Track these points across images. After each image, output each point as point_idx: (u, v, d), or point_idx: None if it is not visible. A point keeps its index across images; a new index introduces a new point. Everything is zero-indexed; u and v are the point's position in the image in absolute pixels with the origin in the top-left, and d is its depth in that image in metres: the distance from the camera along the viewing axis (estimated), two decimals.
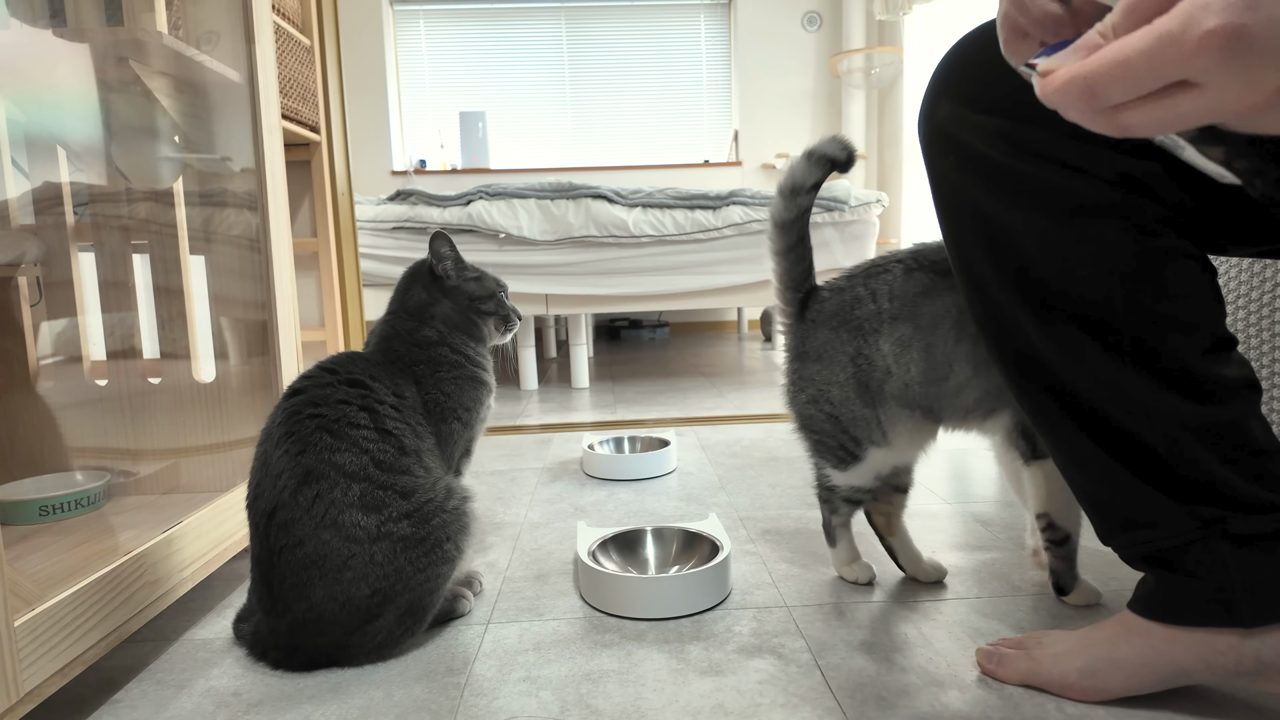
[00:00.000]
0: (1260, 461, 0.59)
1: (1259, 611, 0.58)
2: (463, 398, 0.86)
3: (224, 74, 0.97)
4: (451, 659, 0.76)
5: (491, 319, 0.92)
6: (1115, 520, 0.64)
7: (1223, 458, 0.58)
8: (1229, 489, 0.58)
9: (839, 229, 2.39)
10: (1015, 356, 0.66)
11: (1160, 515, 0.60)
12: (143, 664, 0.78)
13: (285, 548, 0.71)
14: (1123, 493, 0.62)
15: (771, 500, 1.23)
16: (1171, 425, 0.59)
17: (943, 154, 0.66)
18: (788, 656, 0.74)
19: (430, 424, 0.84)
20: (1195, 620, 0.60)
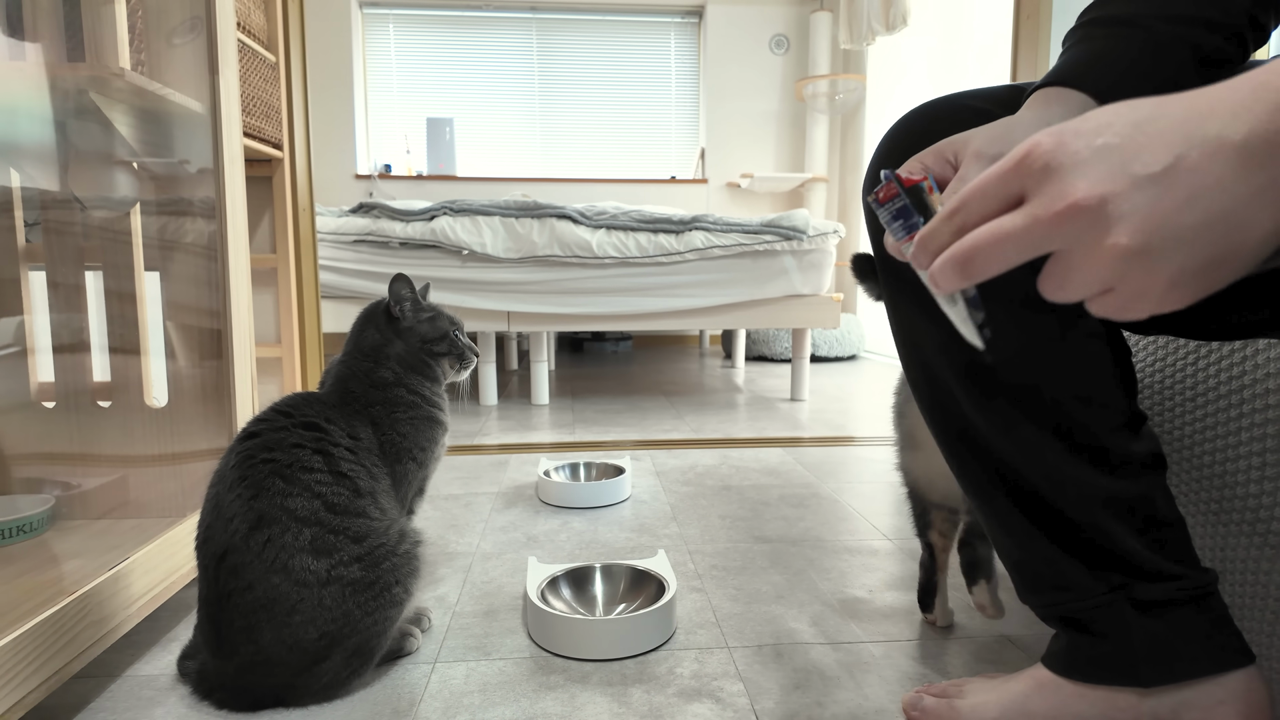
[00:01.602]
0: (1163, 532, 0.63)
1: (1156, 672, 0.62)
2: (418, 438, 0.88)
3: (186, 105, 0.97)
4: (397, 700, 0.77)
5: (445, 359, 0.94)
6: (1032, 581, 0.68)
7: (1130, 528, 0.63)
8: (1134, 557, 0.63)
9: (797, 257, 2.45)
10: (947, 421, 0.70)
11: (1072, 579, 0.65)
12: (84, 702, 0.77)
13: (235, 591, 0.72)
14: (1040, 556, 0.66)
15: (721, 533, 1.26)
16: (1085, 496, 0.63)
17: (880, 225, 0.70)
18: (725, 700, 0.77)
19: (386, 465, 0.85)
20: (1100, 678, 0.64)
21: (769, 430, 2.11)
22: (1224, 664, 0.61)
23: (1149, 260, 0.32)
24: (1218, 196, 0.32)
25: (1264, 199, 0.31)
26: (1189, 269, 0.32)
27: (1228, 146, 0.32)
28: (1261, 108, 0.32)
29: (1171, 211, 0.32)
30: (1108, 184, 0.33)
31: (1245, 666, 0.62)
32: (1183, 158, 0.32)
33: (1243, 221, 0.32)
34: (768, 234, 2.42)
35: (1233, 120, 0.32)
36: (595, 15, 4.29)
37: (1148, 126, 0.34)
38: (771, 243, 2.41)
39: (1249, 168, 0.31)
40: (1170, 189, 0.32)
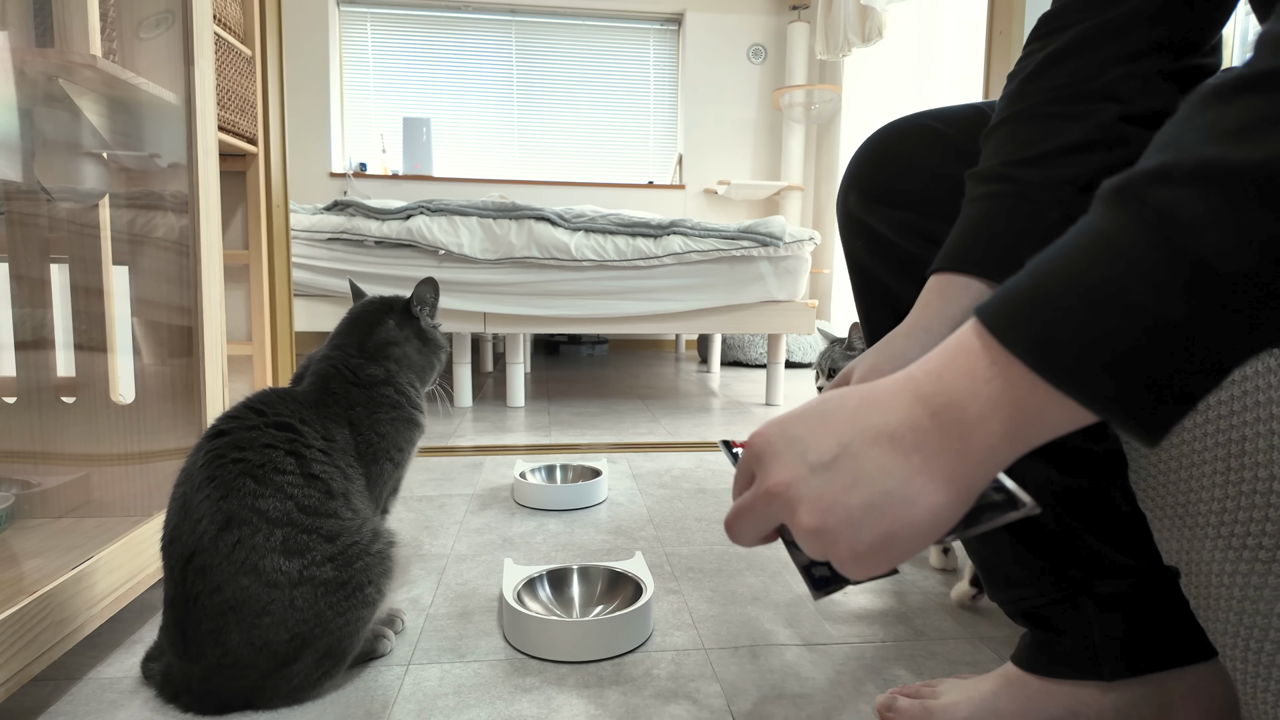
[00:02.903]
0: (1123, 528, 0.65)
1: (1117, 667, 0.63)
2: (397, 439, 0.87)
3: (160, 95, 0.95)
4: (370, 702, 0.76)
5: (438, 369, 0.96)
6: (998, 579, 0.70)
7: (1089, 524, 0.64)
8: (1093, 553, 0.64)
9: (773, 263, 2.47)
10: None
11: (1034, 576, 0.66)
12: (43, 706, 0.75)
13: (202, 593, 0.70)
14: (1004, 553, 0.68)
15: (697, 536, 1.27)
16: (1044, 493, 0.64)
17: (855, 236, 0.71)
18: (701, 702, 0.77)
19: (361, 465, 0.84)
20: (1063, 673, 0.66)
21: (745, 434, 2.12)
22: (1184, 658, 0.63)
23: (826, 536, 0.37)
24: (879, 478, 0.36)
25: (924, 478, 0.36)
26: (864, 542, 0.37)
27: (883, 435, 0.37)
28: (906, 399, 0.37)
29: (839, 494, 0.37)
30: (790, 471, 0.39)
31: (1206, 661, 0.63)
32: (847, 446, 0.37)
33: (907, 498, 0.36)
34: (745, 240, 2.43)
35: (886, 411, 0.37)
36: (575, 20, 4.29)
37: (826, 418, 0.39)
38: (748, 249, 2.42)
39: (901, 451, 0.36)
40: (837, 475, 0.37)
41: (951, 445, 0.35)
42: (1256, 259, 0.28)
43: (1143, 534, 0.66)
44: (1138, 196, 0.31)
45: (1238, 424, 0.78)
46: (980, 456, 0.35)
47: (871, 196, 0.70)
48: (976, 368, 0.35)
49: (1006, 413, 0.34)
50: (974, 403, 0.35)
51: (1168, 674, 0.63)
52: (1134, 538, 0.65)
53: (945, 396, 0.36)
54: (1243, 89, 0.30)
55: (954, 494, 0.36)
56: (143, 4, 0.98)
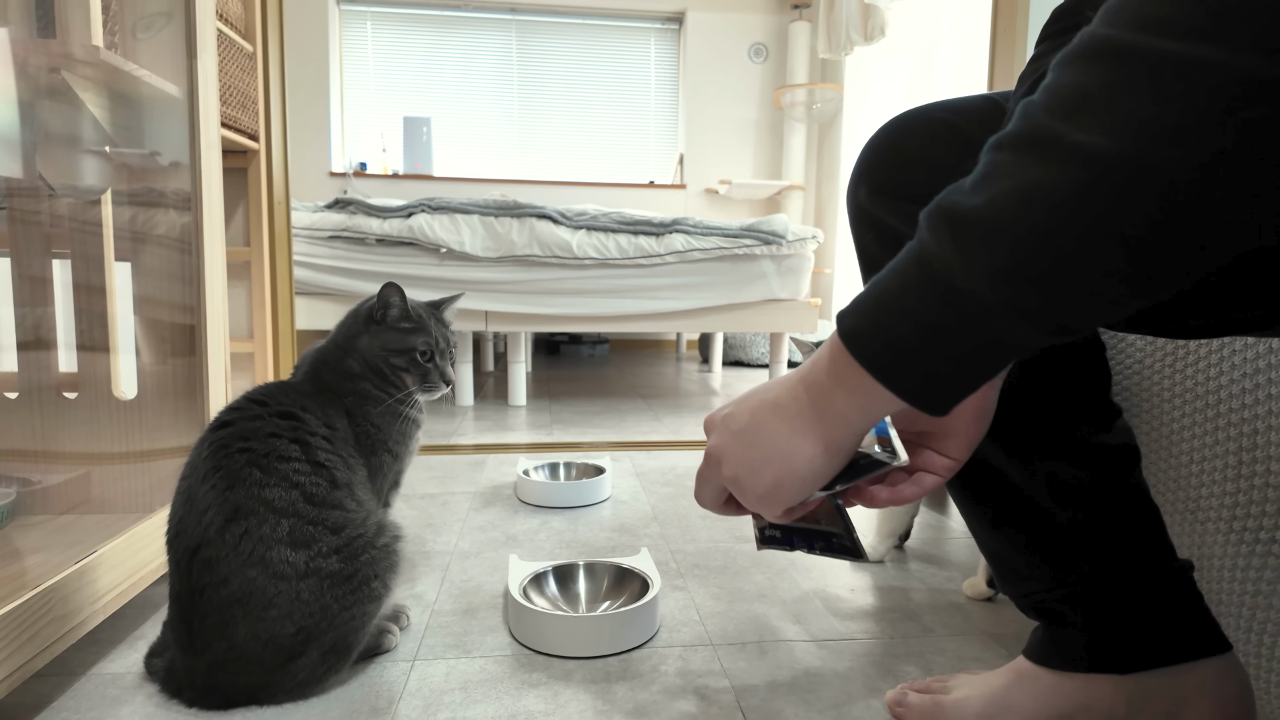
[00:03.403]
0: (1136, 522, 0.64)
1: (1129, 659, 0.63)
2: (392, 430, 0.86)
3: (163, 88, 0.95)
4: (375, 698, 0.75)
5: (404, 374, 0.88)
6: (1009, 572, 0.69)
7: (1101, 517, 0.64)
8: (1107, 547, 0.63)
9: (776, 262, 2.46)
10: None
11: (1045, 570, 0.65)
12: (45, 701, 0.74)
13: (209, 586, 0.70)
14: (1014, 548, 0.67)
15: (702, 533, 1.26)
16: (1055, 487, 0.64)
17: (866, 229, 0.71)
18: (710, 698, 0.76)
19: (361, 455, 0.83)
20: (1076, 667, 0.65)
21: None
22: (1199, 651, 0.62)
23: (738, 483, 0.50)
24: (771, 439, 0.48)
25: (800, 438, 0.47)
26: (762, 485, 0.49)
27: (777, 406, 0.48)
28: (794, 379, 0.48)
29: (746, 451, 0.49)
30: (719, 438, 0.52)
31: (1221, 654, 0.63)
32: (754, 416, 0.49)
33: (789, 453, 0.47)
34: (747, 238, 2.42)
35: (780, 389, 0.49)
36: (575, 19, 4.29)
37: (748, 398, 0.51)
38: (751, 247, 2.42)
39: (786, 418, 0.48)
40: (746, 437, 0.49)
41: (817, 412, 0.46)
42: (977, 281, 0.37)
43: (1157, 529, 0.65)
44: (920, 226, 0.41)
45: (1249, 417, 0.77)
46: (836, 420, 0.46)
47: (882, 190, 0.69)
48: (834, 354, 0.45)
49: (848, 386, 0.44)
50: (828, 379, 0.45)
51: (1182, 667, 0.62)
52: (1147, 531, 0.64)
53: (814, 376, 0.47)
54: (990, 147, 0.39)
55: (822, 448, 0.47)
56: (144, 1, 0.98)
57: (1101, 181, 0.35)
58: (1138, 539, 0.64)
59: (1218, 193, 0.33)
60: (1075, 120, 0.36)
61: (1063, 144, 0.36)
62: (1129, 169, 0.34)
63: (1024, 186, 0.37)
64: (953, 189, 0.40)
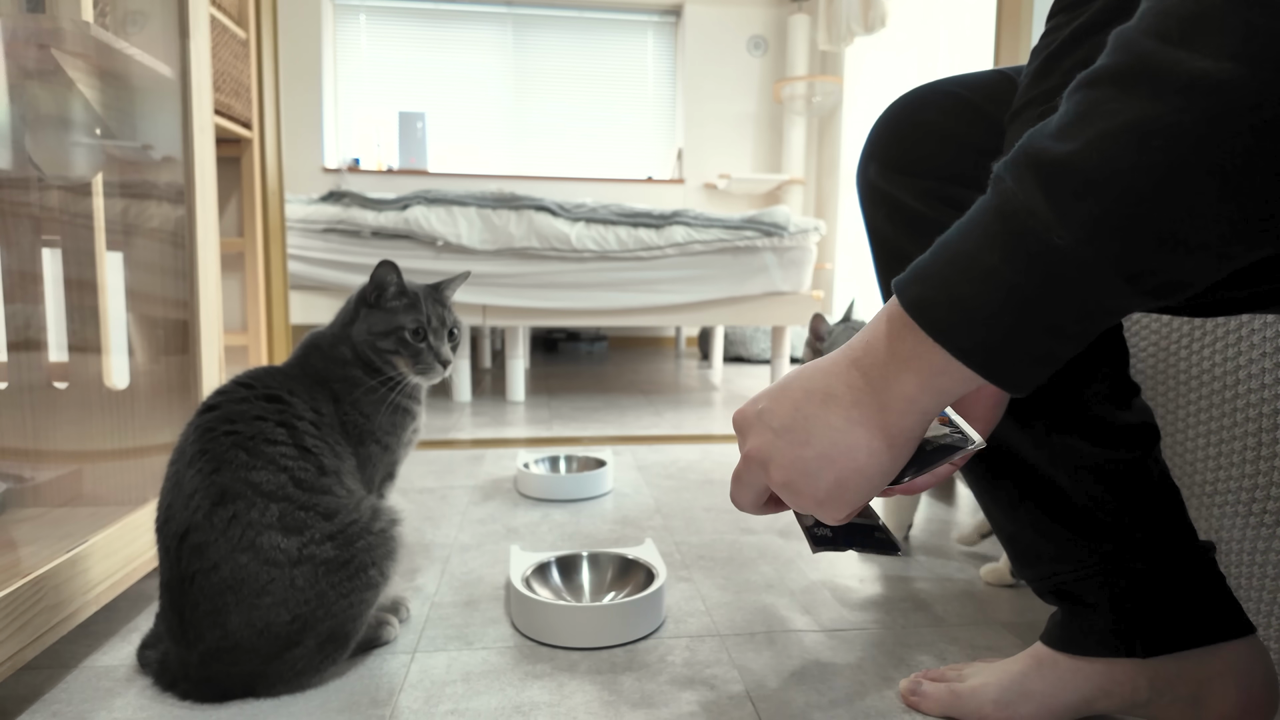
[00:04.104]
0: (1157, 502, 0.63)
1: (1151, 643, 0.61)
2: (381, 420, 0.83)
3: (155, 68, 0.92)
4: (375, 689, 0.73)
5: (394, 357, 0.83)
6: (1026, 555, 0.67)
7: (1122, 498, 0.62)
8: (1127, 527, 0.62)
9: (778, 254, 2.44)
10: None
11: (1064, 551, 0.64)
12: (37, 694, 0.72)
13: (199, 572, 0.68)
14: (1032, 529, 0.65)
15: (706, 525, 1.24)
16: (1075, 466, 0.62)
17: (876, 207, 0.69)
18: (719, 688, 0.74)
19: (349, 444, 0.80)
20: (1096, 651, 0.63)
21: None
22: (1221, 634, 0.61)
23: (793, 488, 0.44)
24: (826, 434, 0.43)
25: (861, 429, 0.42)
26: (823, 489, 0.43)
27: (829, 397, 0.43)
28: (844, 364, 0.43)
29: (798, 450, 0.44)
30: (759, 438, 0.46)
31: (1245, 637, 0.61)
32: (801, 410, 0.44)
33: (850, 448, 0.42)
34: (749, 230, 2.41)
35: (829, 377, 0.44)
36: (572, 12, 4.26)
37: (786, 389, 0.46)
38: (752, 239, 2.40)
39: (841, 408, 0.43)
40: (795, 435, 0.44)
41: (878, 399, 0.42)
42: (1076, 235, 0.33)
43: (1177, 509, 0.63)
44: (999, 178, 0.37)
45: (1269, 397, 0.76)
46: (901, 406, 0.41)
47: (893, 167, 0.67)
48: (893, 329, 0.41)
49: (915, 366, 0.40)
50: (891, 360, 0.41)
51: (1204, 650, 0.61)
52: (1168, 511, 0.63)
53: (871, 357, 0.42)
54: (1082, 84, 0.35)
55: (887, 440, 0.42)
56: None
57: (1230, 113, 0.30)
58: (1158, 520, 0.62)
59: None
60: (1194, 43, 0.31)
61: (1179, 72, 0.31)
62: (1262, 97, 0.30)
63: (1133, 125, 0.32)
64: (1035, 133, 0.36)
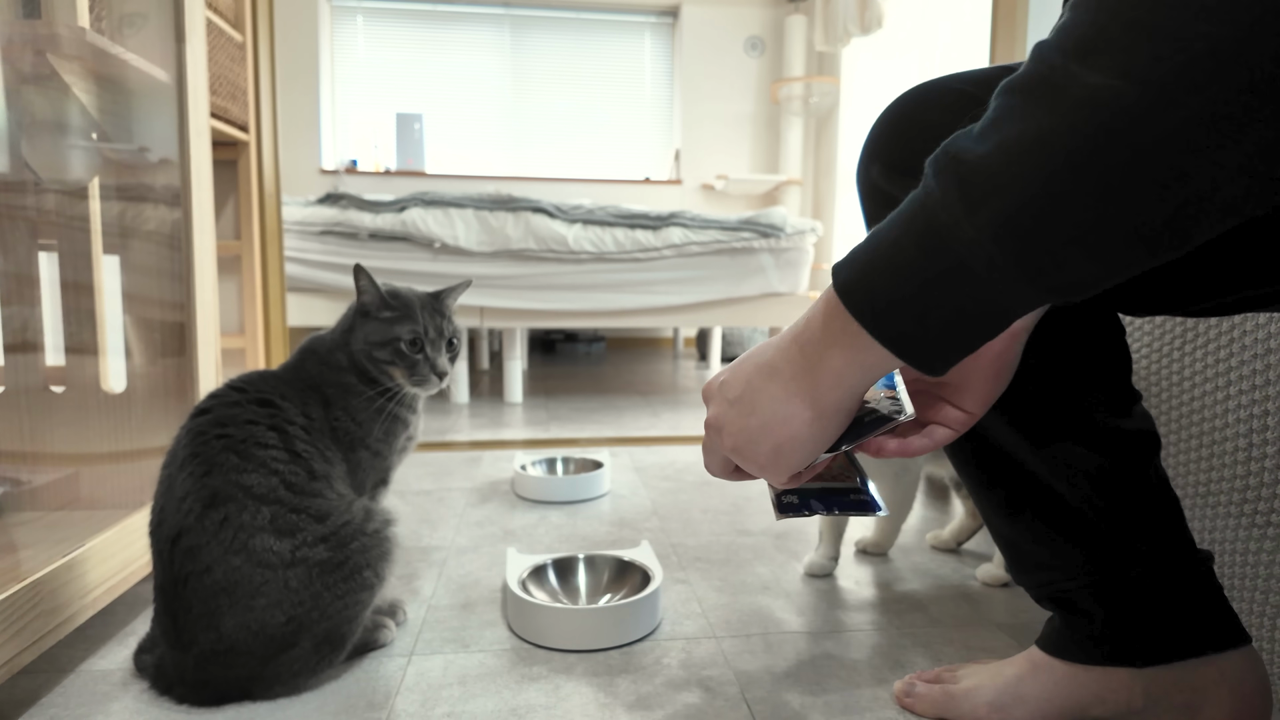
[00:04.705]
0: (1156, 511, 0.62)
1: (1148, 652, 0.61)
2: (373, 427, 0.82)
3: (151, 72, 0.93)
4: (372, 692, 0.74)
5: (390, 367, 0.82)
6: (1024, 561, 0.67)
7: (1120, 505, 0.62)
8: (1126, 536, 0.62)
9: (775, 255, 2.45)
10: None
11: (1062, 559, 0.64)
12: (34, 698, 0.72)
13: (191, 575, 0.68)
14: (1030, 536, 0.65)
15: (703, 527, 1.24)
16: (1075, 473, 0.62)
17: (880, 208, 0.68)
18: (715, 690, 0.75)
19: (339, 450, 0.80)
20: (1092, 659, 0.63)
21: None
22: (1218, 644, 0.61)
23: (740, 453, 0.48)
24: (767, 404, 0.46)
25: (796, 400, 0.45)
26: (763, 453, 0.47)
27: (772, 370, 0.46)
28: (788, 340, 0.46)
29: (744, 419, 0.47)
30: (716, 407, 0.50)
31: (1240, 647, 0.61)
32: (749, 383, 0.47)
33: (786, 417, 0.45)
34: (746, 231, 2.41)
35: (775, 351, 0.47)
36: (569, 13, 4.26)
37: (743, 363, 0.49)
38: (749, 240, 2.40)
39: (780, 381, 0.46)
40: (743, 405, 0.47)
41: (812, 373, 0.44)
42: (982, 234, 0.35)
43: (1177, 518, 0.63)
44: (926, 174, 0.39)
45: (1259, 399, 0.76)
46: (830, 380, 0.44)
47: (896, 168, 0.65)
48: (828, 310, 0.43)
49: (843, 344, 0.42)
50: (824, 338, 0.43)
51: (1200, 660, 0.61)
52: (1167, 520, 0.62)
53: (808, 334, 0.44)
54: (1002, 91, 0.37)
55: (817, 411, 0.45)
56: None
57: (1117, 126, 0.32)
58: (1157, 528, 0.62)
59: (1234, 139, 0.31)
60: (1090, 60, 0.33)
61: (1075, 86, 0.33)
62: (1149, 112, 0.32)
63: (1034, 133, 0.34)
64: (961, 134, 0.38)
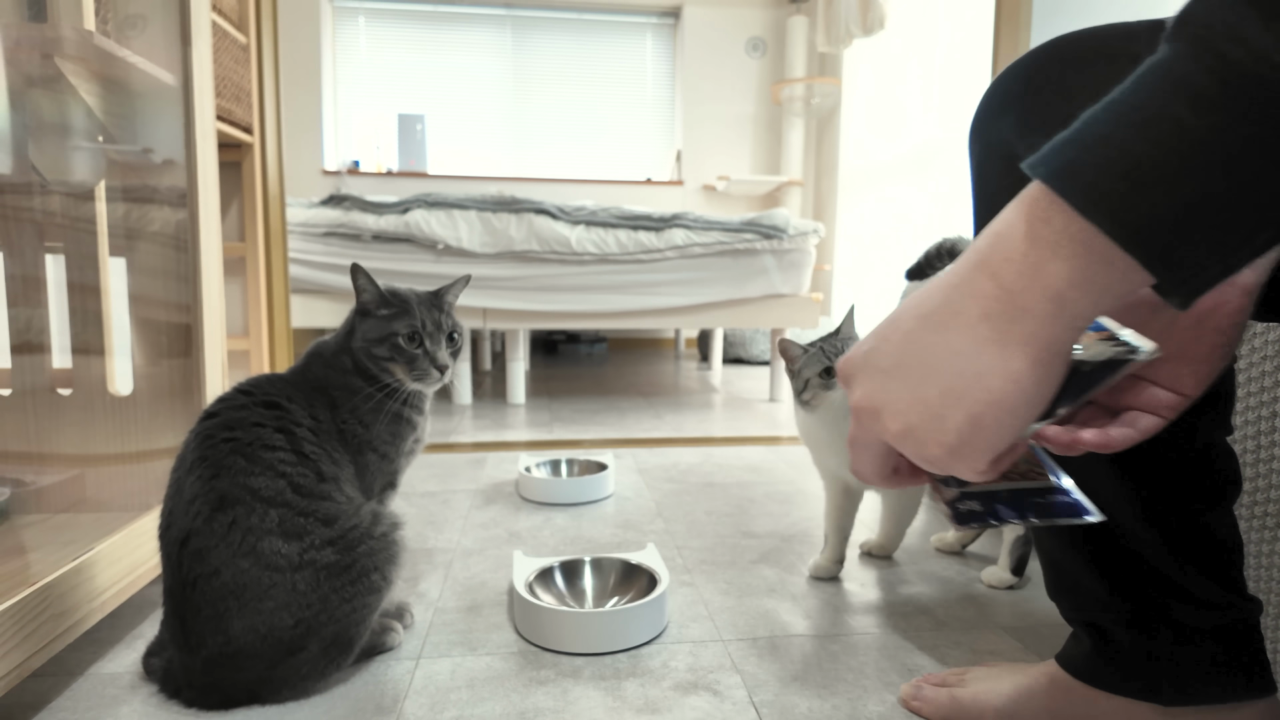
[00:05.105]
0: (1218, 557, 0.59)
1: (1181, 694, 0.59)
2: (381, 430, 0.82)
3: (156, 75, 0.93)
4: (380, 696, 0.74)
5: (390, 364, 0.81)
6: (1067, 584, 0.65)
7: (1181, 547, 0.59)
8: (1179, 578, 0.59)
9: (777, 256, 2.45)
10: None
11: (1110, 590, 0.61)
12: (43, 701, 0.72)
13: (200, 577, 0.68)
14: (1084, 565, 0.62)
15: (708, 529, 1.24)
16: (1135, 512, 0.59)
17: (999, 167, 0.59)
18: (723, 693, 0.74)
19: (347, 453, 0.80)
20: (1120, 689, 0.62)
21: (750, 429, 2.10)
22: (1249, 694, 0.59)
23: (915, 436, 0.36)
24: (950, 361, 0.34)
25: (994, 348, 0.33)
26: (951, 430, 0.35)
27: (947, 316, 0.35)
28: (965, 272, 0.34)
29: (915, 389, 0.36)
30: (868, 383, 0.38)
31: (1266, 697, 0.59)
32: (913, 340, 0.36)
33: (981, 373, 0.33)
34: (748, 232, 2.41)
35: (946, 290, 0.35)
36: (571, 14, 4.27)
37: (893, 322, 0.37)
38: (752, 241, 2.40)
39: (967, 326, 0.34)
40: (910, 370, 0.36)
41: (1015, 304, 0.32)
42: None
43: (1236, 565, 0.60)
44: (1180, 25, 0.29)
45: (1268, 400, 0.76)
46: (1048, 308, 0.31)
47: (1033, 126, 0.54)
48: (1034, 212, 0.31)
49: (1066, 252, 0.30)
50: (1030, 250, 0.31)
51: (1225, 706, 0.59)
52: (1227, 568, 0.59)
53: (1004, 253, 0.32)
54: None
55: (1031, 356, 0.32)
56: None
57: None
58: (1216, 576, 0.59)
59: None
60: None
61: None
62: None
63: None
64: None
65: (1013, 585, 1.00)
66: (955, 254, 1.00)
